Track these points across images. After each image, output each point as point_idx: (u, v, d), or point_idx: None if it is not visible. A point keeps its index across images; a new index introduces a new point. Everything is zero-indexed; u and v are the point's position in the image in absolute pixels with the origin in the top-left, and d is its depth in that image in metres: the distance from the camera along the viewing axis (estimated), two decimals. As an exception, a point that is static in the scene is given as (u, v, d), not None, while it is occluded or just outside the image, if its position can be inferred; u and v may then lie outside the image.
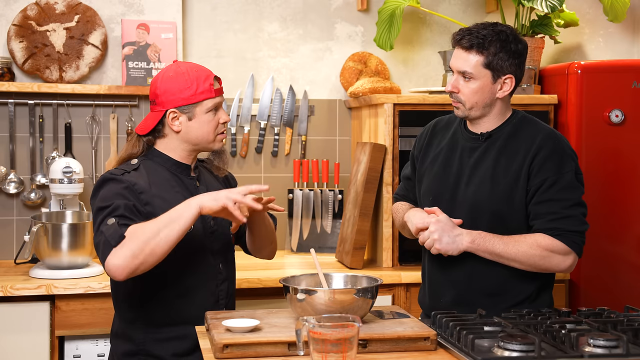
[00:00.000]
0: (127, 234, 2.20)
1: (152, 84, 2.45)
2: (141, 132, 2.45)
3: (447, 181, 2.50)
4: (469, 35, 2.40)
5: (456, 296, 2.47)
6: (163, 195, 2.38)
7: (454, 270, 2.46)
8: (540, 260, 2.35)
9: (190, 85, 2.39)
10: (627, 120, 3.43)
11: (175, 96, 2.39)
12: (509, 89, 2.44)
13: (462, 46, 2.41)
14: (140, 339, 2.40)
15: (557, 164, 2.38)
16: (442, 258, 2.44)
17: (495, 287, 2.44)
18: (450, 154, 2.53)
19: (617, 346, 1.96)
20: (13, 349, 3.00)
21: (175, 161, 2.45)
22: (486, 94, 2.42)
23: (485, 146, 2.47)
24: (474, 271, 2.44)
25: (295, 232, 3.69)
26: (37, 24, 3.51)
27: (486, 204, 2.42)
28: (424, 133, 2.66)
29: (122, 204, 2.27)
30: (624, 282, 3.43)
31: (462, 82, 2.42)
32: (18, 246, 3.52)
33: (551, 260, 2.35)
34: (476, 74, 2.40)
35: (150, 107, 2.46)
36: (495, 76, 2.41)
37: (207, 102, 2.41)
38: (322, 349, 1.77)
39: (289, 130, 3.83)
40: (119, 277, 2.20)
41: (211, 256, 2.46)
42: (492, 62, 2.39)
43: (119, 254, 2.19)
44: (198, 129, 2.42)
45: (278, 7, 3.84)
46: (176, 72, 2.41)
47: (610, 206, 3.44)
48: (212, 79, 2.42)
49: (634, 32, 4.13)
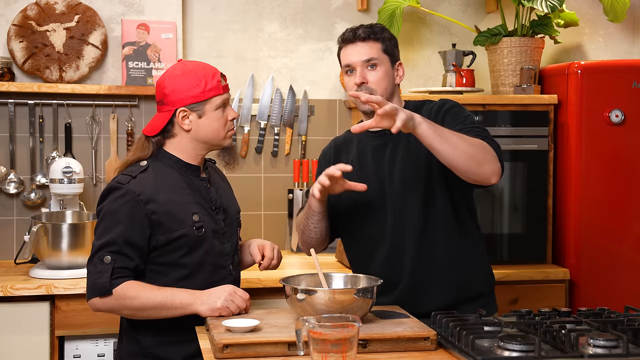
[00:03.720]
0: (115, 292, 2.28)
1: (158, 84, 2.43)
2: (150, 133, 2.43)
3: (372, 184, 2.49)
4: (362, 28, 2.51)
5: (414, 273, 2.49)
6: (173, 199, 2.37)
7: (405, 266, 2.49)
8: (480, 150, 2.28)
9: (198, 83, 2.38)
10: (627, 120, 3.43)
11: (185, 94, 2.38)
12: (402, 75, 2.55)
13: (359, 38, 2.49)
14: (149, 341, 2.40)
15: (456, 114, 2.46)
16: (388, 262, 2.49)
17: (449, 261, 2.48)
18: (362, 159, 2.56)
19: (617, 346, 1.96)
20: (13, 349, 3.00)
21: (185, 162, 2.44)
22: (390, 79, 2.51)
23: (394, 137, 2.48)
24: (423, 258, 2.47)
25: (295, 232, 3.69)
26: (37, 24, 3.51)
27: (417, 188, 2.45)
28: (326, 154, 2.70)
29: (120, 237, 2.30)
30: (624, 282, 3.43)
31: (368, 71, 2.49)
32: (18, 246, 3.52)
33: (487, 155, 2.30)
34: (380, 59, 2.49)
35: (158, 107, 2.44)
36: (392, 62, 2.52)
37: (216, 99, 2.41)
38: (322, 349, 1.77)
39: (289, 130, 3.83)
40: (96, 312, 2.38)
41: (222, 258, 2.46)
42: (388, 48, 2.51)
43: (100, 302, 2.31)
44: (208, 126, 2.41)
45: (278, 7, 3.84)
46: (183, 71, 2.40)
47: (610, 206, 3.44)
48: (219, 76, 2.43)
49: (634, 32, 4.13)
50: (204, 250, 2.40)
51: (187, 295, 2.29)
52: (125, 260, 2.30)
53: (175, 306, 2.29)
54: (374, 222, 2.53)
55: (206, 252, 2.41)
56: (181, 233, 2.36)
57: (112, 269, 2.28)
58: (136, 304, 2.28)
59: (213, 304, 2.26)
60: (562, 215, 3.50)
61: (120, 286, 2.28)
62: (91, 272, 2.31)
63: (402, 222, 2.49)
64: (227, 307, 2.25)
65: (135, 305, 2.29)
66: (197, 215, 2.39)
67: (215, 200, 2.47)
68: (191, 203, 2.40)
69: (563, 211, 3.49)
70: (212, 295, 2.28)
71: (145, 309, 2.29)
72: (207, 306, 2.26)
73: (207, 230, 2.40)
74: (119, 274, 2.29)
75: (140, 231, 2.32)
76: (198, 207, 2.41)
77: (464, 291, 2.50)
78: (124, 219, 2.31)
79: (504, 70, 3.68)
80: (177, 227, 2.35)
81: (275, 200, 3.82)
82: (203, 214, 2.41)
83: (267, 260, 2.55)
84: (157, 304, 2.28)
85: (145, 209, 2.32)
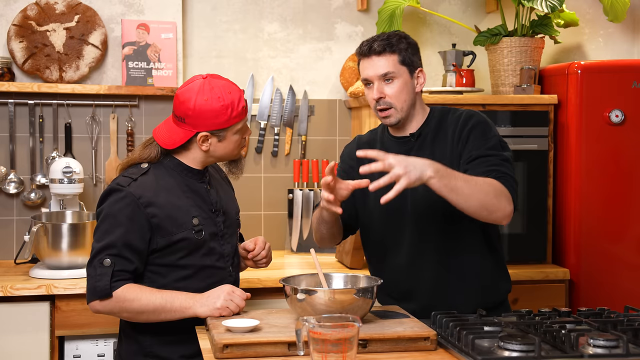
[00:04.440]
0: (115, 295, 2.28)
1: (183, 101, 2.35)
2: (167, 146, 2.39)
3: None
4: (377, 41, 2.49)
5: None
6: (173, 202, 2.37)
7: (423, 272, 2.49)
8: (493, 198, 2.29)
9: (225, 111, 2.34)
10: (627, 120, 3.43)
11: (210, 121, 2.34)
12: (424, 82, 2.54)
13: (374, 52, 2.48)
14: (149, 341, 2.40)
15: (481, 132, 2.45)
16: (406, 267, 2.49)
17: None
18: None
19: (617, 346, 1.96)
20: (13, 349, 3.00)
21: (187, 166, 2.44)
22: (410, 90, 2.50)
23: (418, 145, 2.51)
24: (442, 264, 2.47)
25: (295, 232, 3.69)
26: (37, 24, 3.51)
27: (439, 197, 2.41)
28: (349, 153, 2.66)
29: (120, 240, 2.29)
30: (624, 282, 3.43)
31: (385, 85, 2.48)
32: (18, 246, 3.52)
33: (501, 200, 2.30)
34: (396, 72, 2.48)
35: (177, 121, 2.38)
36: (411, 71, 2.51)
37: (238, 124, 2.39)
38: (322, 349, 1.77)
39: (289, 130, 3.83)
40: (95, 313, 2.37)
41: (222, 259, 2.46)
42: (405, 59, 2.49)
43: (101, 305, 2.31)
44: (225, 148, 2.41)
45: (278, 7, 3.84)
46: (211, 95, 2.33)
47: (610, 206, 3.43)
48: (243, 100, 2.39)
49: (634, 32, 4.13)
50: (203, 252, 2.40)
51: (186, 298, 2.30)
52: (125, 263, 2.30)
53: (174, 309, 2.29)
54: (392, 228, 2.53)
55: (206, 254, 2.41)
56: (181, 236, 2.36)
57: (112, 272, 2.28)
58: (136, 306, 2.28)
59: (213, 305, 2.26)
60: (562, 215, 3.50)
61: (120, 289, 2.28)
62: (91, 274, 2.31)
63: (423, 231, 2.47)
64: (226, 306, 2.26)
65: (134, 307, 2.28)
66: (197, 218, 2.39)
67: (215, 202, 2.47)
68: (191, 206, 2.40)
69: (563, 211, 3.49)
70: (211, 297, 2.28)
71: (145, 311, 2.29)
72: (207, 307, 2.26)
73: (207, 233, 2.41)
74: (119, 277, 2.29)
75: (140, 234, 2.32)
76: (198, 210, 2.41)
77: (486, 299, 2.49)
78: (124, 221, 2.31)
79: (504, 70, 3.68)
80: (177, 231, 2.35)
81: (275, 201, 3.82)
82: (203, 217, 2.41)
83: (257, 249, 2.57)
84: (157, 306, 2.28)
85: (145, 213, 2.32)
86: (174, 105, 2.39)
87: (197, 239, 2.37)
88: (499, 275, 2.57)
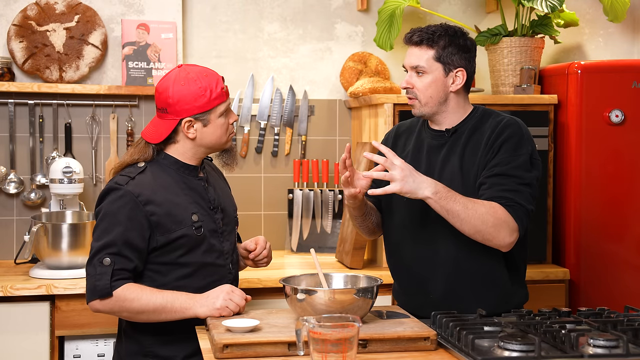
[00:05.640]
0: (115, 294, 2.28)
1: (160, 91, 2.40)
2: (153, 140, 2.42)
3: None
4: (419, 32, 2.48)
5: (446, 289, 2.47)
6: (171, 199, 2.38)
7: (440, 265, 2.47)
8: (491, 228, 2.29)
9: (204, 93, 2.36)
10: (627, 120, 3.43)
11: (190, 105, 2.36)
12: (461, 82, 2.49)
13: (413, 42, 2.49)
14: (148, 340, 2.40)
15: (513, 146, 2.41)
16: (425, 254, 2.47)
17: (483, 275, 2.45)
18: (417, 154, 2.55)
19: (617, 346, 1.96)
20: (13, 349, 3.00)
21: (183, 163, 2.45)
22: (439, 87, 2.48)
23: (452, 141, 2.50)
24: (460, 260, 2.44)
25: (295, 232, 3.69)
26: (37, 24, 3.51)
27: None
28: (387, 139, 2.69)
29: (119, 239, 2.29)
30: (624, 282, 3.43)
31: (416, 77, 2.49)
32: (18, 246, 3.52)
33: (500, 231, 2.30)
34: (428, 68, 2.46)
35: (160, 114, 2.42)
36: (447, 69, 2.47)
37: (220, 107, 2.40)
38: (322, 349, 1.77)
39: (289, 130, 3.83)
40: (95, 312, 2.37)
41: (221, 256, 2.46)
42: (442, 56, 2.46)
43: (101, 304, 2.31)
44: (212, 134, 2.41)
45: (278, 7, 3.84)
46: (187, 80, 2.37)
47: (610, 206, 3.44)
48: (222, 82, 2.42)
49: (634, 32, 4.13)
50: (203, 249, 2.40)
51: (186, 298, 2.30)
52: (125, 261, 2.30)
53: (175, 309, 2.29)
54: (413, 220, 2.51)
55: (206, 251, 2.41)
56: (181, 233, 2.36)
57: (111, 271, 2.28)
58: (136, 306, 2.28)
59: (212, 305, 2.26)
60: (562, 215, 3.50)
61: (120, 288, 2.28)
62: (91, 274, 2.31)
63: (442, 225, 2.43)
64: (226, 306, 2.26)
65: (135, 307, 2.28)
66: (196, 215, 2.40)
67: (213, 199, 2.47)
68: (190, 203, 2.40)
69: (563, 211, 3.49)
70: (211, 297, 2.29)
71: (145, 311, 2.29)
72: (207, 308, 2.27)
73: (206, 230, 2.41)
74: (119, 276, 2.29)
75: (140, 232, 2.32)
76: (197, 207, 2.41)
77: (500, 308, 2.45)
78: (123, 220, 2.31)
79: (504, 70, 3.68)
80: (176, 228, 2.36)
81: (275, 201, 3.82)
82: (202, 214, 2.41)
83: (259, 248, 2.58)
84: (157, 306, 2.28)
85: (144, 211, 2.32)
86: (155, 99, 2.43)
87: (197, 235, 2.38)
88: (513, 286, 2.51)
